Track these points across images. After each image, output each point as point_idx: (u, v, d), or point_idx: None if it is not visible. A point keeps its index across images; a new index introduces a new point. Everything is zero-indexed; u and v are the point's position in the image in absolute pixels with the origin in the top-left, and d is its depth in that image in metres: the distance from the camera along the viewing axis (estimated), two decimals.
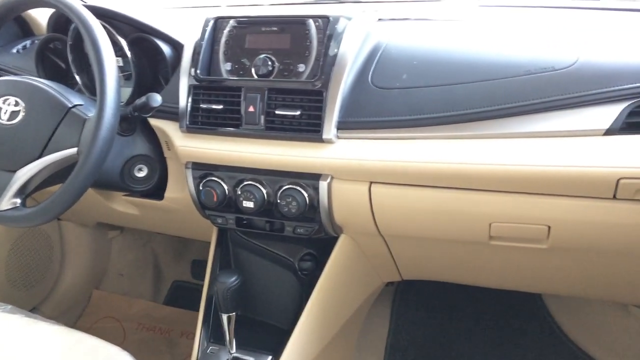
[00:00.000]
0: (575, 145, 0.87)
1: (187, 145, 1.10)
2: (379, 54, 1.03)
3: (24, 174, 0.98)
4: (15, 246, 1.57)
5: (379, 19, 1.12)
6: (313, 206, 1.04)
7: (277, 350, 1.10)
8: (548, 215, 0.93)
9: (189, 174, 1.11)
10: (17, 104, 1.00)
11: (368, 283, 1.32)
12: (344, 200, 1.03)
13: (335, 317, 1.23)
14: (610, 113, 0.86)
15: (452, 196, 0.96)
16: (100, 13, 1.11)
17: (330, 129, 0.97)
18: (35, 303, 1.72)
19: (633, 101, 0.86)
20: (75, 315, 1.86)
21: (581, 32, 1.02)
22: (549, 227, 0.94)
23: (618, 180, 0.84)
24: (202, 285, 1.21)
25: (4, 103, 1.00)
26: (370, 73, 1.01)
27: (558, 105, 0.88)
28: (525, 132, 0.90)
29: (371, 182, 0.99)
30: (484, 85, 0.93)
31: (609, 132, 0.86)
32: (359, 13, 1.04)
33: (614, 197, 0.87)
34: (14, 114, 0.99)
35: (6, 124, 0.99)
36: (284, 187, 1.04)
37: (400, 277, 1.30)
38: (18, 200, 0.99)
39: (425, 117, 0.94)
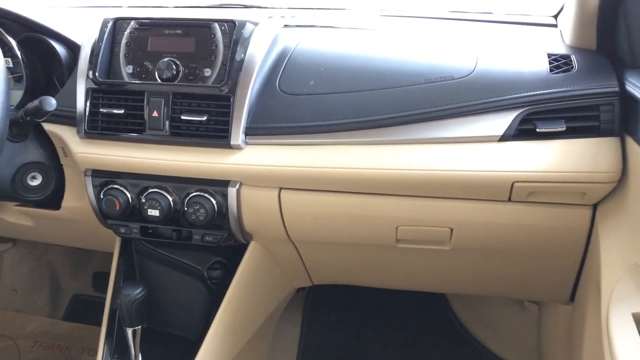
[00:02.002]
0: (473, 151, 0.91)
1: (85, 152, 1.04)
2: (286, 60, 1.04)
3: None
4: None
5: (285, 25, 1.12)
6: (222, 213, 1.02)
7: None
8: (450, 217, 0.97)
9: (89, 181, 1.06)
10: None
11: (279, 289, 1.32)
12: (253, 206, 1.02)
13: (247, 325, 1.22)
14: (504, 120, 0.91)
15: (360, 201, 0.98)
16: None
17: (238, 135, 0.96)
18: None
19: (525, 109, 0.91)
20: None
21: (477, 43, 1.07)
22: (452, 229, 0.98)
23: (512, 184, 0.89)
24: (104, 299, 1.16)
25: None
26: (278, 79, 1.01)
27: (456, 113, 0.92)
28: (427, 138, 0.93)
29: (280, 188, 0.99)
30: (387, 93, 0.96)
31: (503, 138, 0.91)
32: (265, 18, 1.04)
33: (509, 200, 0.93)
34: None
35: None
36: (191, 195, 1.02)
37: (312, 282, 1.31)
38: None
39: (332, 124, 0.95)
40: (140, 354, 1.08)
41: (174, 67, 0.99)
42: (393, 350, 1.63)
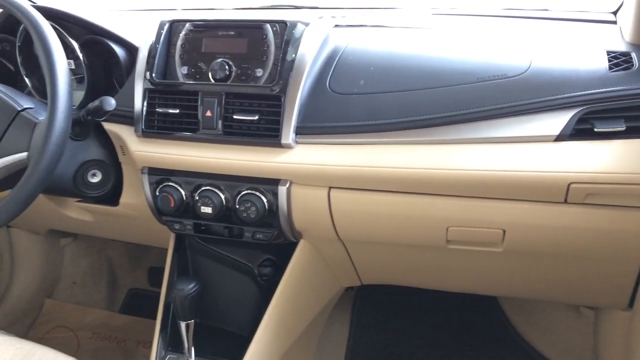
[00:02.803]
0: (528, 151, 0.89)
1: (142, 150, 1.08)
2: (336, 60, 1.04)
3: None
4: None
5: (336, 25, 1.13)
6: (272, 211, 1.03)
7: (237, 357, 1.09)
8: (503, 219, 0.95)
9: (145, 179, 1.09)
10: None
11: (328, 288, 1.32)
12: (303, 205, 1.03)
13: (295, 322, 1.23)
14: (560, 120, 0.89)
15: (410, 201, 0.97)
16: (51, 14, 1.09)
17: (288, 134, 0.97)
18: None
19: (582, 108, 0.88)
20: (27, 325, 1.81)
21: (532, 41, 1.05)
22: (504, 231, 0.96)
23: (569, 185, 0.87)
24: (159, 293, 1.19)
25: None
26: (328, 78, 1.01)
27: (510, 112, 0.90)
28: (479, 137, 0.92)
29: (330, 187, 1.00)
30: (438, 92, 0.95)
31: (559, 138, 0.89)
32: (316, 19, 1.05)
33: (565, 202, 0.90)
34: None
35: None
36: (243, 193, 1.03)
37: (360, 281, 1.31)
38: None
39: (382, 123, 0.95)
40: (193, 348, 1.10)
41: (227, 67, 1.01)
42: (442, 352, 1.61)
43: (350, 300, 1.75)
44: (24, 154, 0.93)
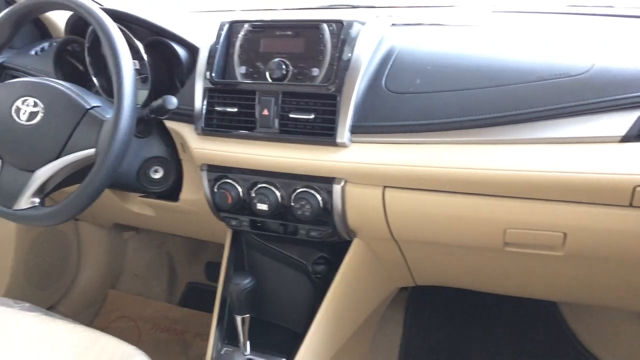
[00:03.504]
0: (591, 152, 0.86)
1: (202, 148, 1.10)
2: (392, 59, 1.03)
3: (42, 174, 0.99)
4: (34, 245, 1.59)
5: (393, 24, 1.12)
6: (327, 209, 1.04)
7: (291, 353, 1.10)
8: (564, 222, 0.92)
9: (204, 176, 1.12)
10: (35, 104, 1.01)
11: (381, 288, 1.32)
12: (357, 204, 1.03)
13: (349, 321, 1.23)
14: (626, 120, 0.85)
15: (466, 202, 0.95)
16: (118, 16, 1.12)
17: (343, 133, 0.98)
18: (53, 302, 1.74)
19: None
20: (92, 314, 1.88)
21: (596, 39, 1.01)
22: (565, 235, 0.93)
23: (634, 188, 0.83)
24: (216, 287, 1.22)
25: (23, 103, 1.02)
26: (384, 77, 1.01)
27: (572, 112, 0.87)
28: (539, 138, 0.89)
29: (385, 187, 0.99)
30: (497, 91, 0.93)
31: (625, 139, 0.85)
32: (373, 18, 1.05)
33: (630, 205, 0.86)
34: (32, 115, 1.01)
35: (25, 124, 1.01)
36: (298, 190, 1.05)
37: (414, 282, 1.29)
38: (37, 200, 1.00)
39: (439, 122, 0.93)
40: (248, 341, 1.12)
41: (283, 67, 1.02)
42: (497, 358, 1.57)
43: (403, 301, 1.74)
44: (92, 150, 0.97)
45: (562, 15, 1.23)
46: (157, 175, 1.17)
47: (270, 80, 1.03)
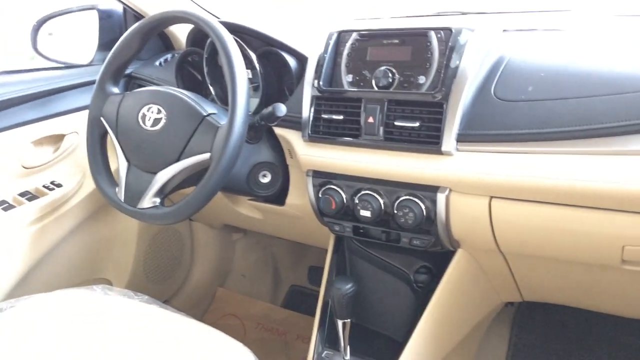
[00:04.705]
0: None
1: (308, 154, 1.13)
2: (503, 66, 1.00)
3: (163, 176, 1.07)
4: (152, 242, 1.70)
5: (504, 30, 1.08)
6: (430, 218, 1.03)
7: None
8: None
9: (309, 181, 1.15)
10: (159, 111, 1.09)
11: (486, 301, 1.28)
12: (462, 214, 1.01)
13: (451, 333, 1.20)
14: None
15: (581, 215, 0.90)
16: (234, 28, 1.18)
17: (449, 141, 0.96)
18: (167, 296, 1.85)
19: None
20: (201, 310, 1.98)
21: None
22: None
23: None
24: (317, 291, 1.24)
25: (148, 110, 1.10)
26: (494, 85, 0.98)
27: None
28: None
29: (491, 197, 0.96)
30: (618, 99, 0.87)
31: None
32: (483, 24, 1.02)
33: None
34: (156, 121, 1.09)
35: (150, 130, 1.09)
36: (401, 198, 1.04)
37: (522, 297, 1.24)
38: (157, 200, 1.08)
39: (553, 131, 0.89)
40: (348, 346, 1.12)
41: (390, 75, 1.03)
42: None
43: (509, 317, 1.66)
44: (207, 155, 1.02)
45: None
46: (265, 180, 1.22)
47: (376, 88, 1.04)
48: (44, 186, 1.37)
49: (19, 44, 2.26)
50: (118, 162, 1.14)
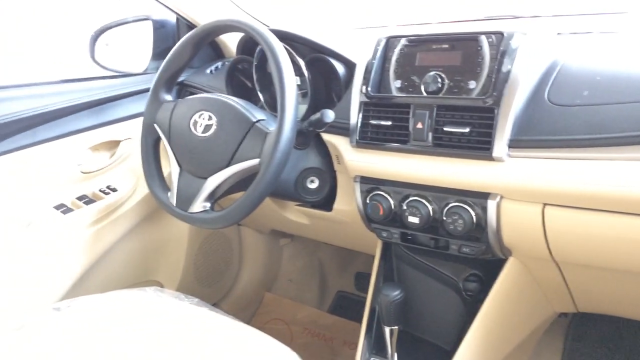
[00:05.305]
0: None
1: (356, 160, 1.13)
2: (557, 69, 0.98)
3: (213, 181, 1.09)
4: (202, 246, 1.73)
5: (558, 33, 1.06)
6: (480, 225, 1.01)
7: None
8: None
9: (357, 187, 1.15)
10: (210, 118, 1.12)
11: (538, 311, 1.24)
12: (514, 221, 0.99)
13: (501, 343, 1.18)
14: None
15: None
16: (283, 36, 1.20)
17: (501, 147, 0.94)
18: (216, 300, 1.89)
19: None
20: (249, 314, 2.00)
21: None
22: None
23: None
24: (364, 298, 1.23)
25: (199, 117, 1.13)
26: (547, 89, 0.96)
27: None
28: None
29: (545, 204, 0.94)
30: None
31: None
32: (536, 28, 1.00)
33: None
34: (207, 127, 1.11)
35: (201, 136, 1.12)
36: (450, 205, 1.03)
37: (576, 308, 1.20)
38: (208, 205, 1.11)
39: (610, 137, 0.86)
40: (395, 354, 1.12)
41: (439, 80, 1.02)
42: None
43: (563, 328, 1.61)
44: (256, 160, 1.04)
45: None
46: (313, 186, 1.23)
47: (425, 93, 1.03)
48: (100, 190, 1.42)
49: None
50: (170, 167, 1.17)
